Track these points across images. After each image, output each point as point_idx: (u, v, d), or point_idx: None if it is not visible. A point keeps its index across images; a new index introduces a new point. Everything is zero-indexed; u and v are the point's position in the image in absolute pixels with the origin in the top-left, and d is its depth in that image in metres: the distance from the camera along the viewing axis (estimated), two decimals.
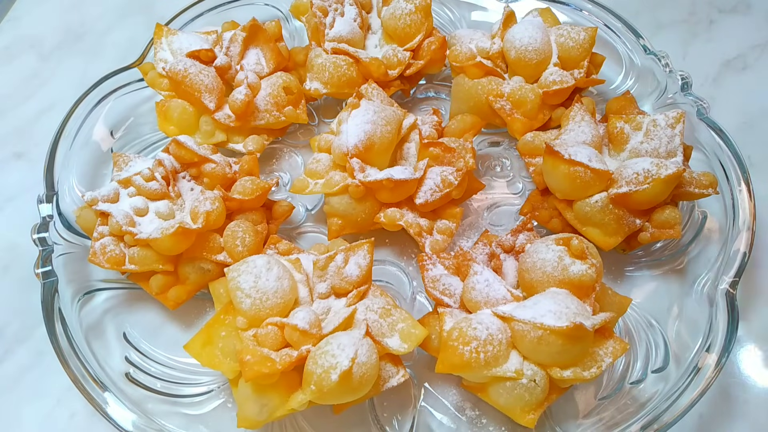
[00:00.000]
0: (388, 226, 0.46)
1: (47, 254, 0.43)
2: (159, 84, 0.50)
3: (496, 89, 0.50)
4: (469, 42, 0.51)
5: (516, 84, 0.50)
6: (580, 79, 0.50)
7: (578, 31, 0.50)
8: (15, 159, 0.54)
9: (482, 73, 0.51)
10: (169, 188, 0.44)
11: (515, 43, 0.49)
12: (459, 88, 0.51)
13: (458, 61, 0.50)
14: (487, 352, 0.37)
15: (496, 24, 0.52)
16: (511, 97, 0.49)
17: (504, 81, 0.50)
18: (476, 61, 0.50)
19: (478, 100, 0.50)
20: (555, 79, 0.49)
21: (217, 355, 0.38)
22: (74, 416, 0.43)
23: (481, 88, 0.50)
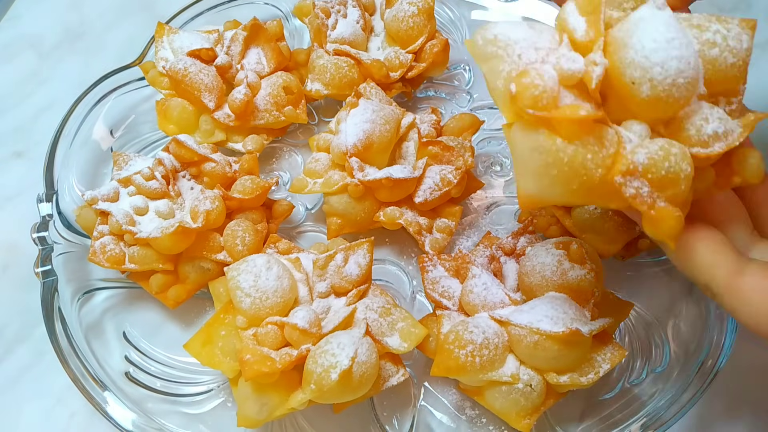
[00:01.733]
0: (388, 225, 0.46)
1: (47, 253, 0.43)
2: (159, 83, 0.50)
3: (621, 159, 0.27)
4: (536, 56, 0.28)
5: (651, 146, 0.27)
6: (747, 123, 0.29)
7: (735, 32, 0.28)
8: (14, 158, 0.54)
9: (586, 131, 0.27)
10: (169, 187, 0.44)
11: (651, 70, 0.26)
12: (540, 157, 0.27)
13: (540, 106, 0.26)
14: (483, 355, 0.37)
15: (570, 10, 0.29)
16: (651, 170, 0.27)
17: (621, 137, 0.28)
18: (580, 115, 0.26)
19: (586, 179, 0.27)
20: (715, 130, 0.28)
21: (217, 354, 0.38)
22: (74, 415, 0.43)
23: (593, 159, 0.27)
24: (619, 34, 0.27)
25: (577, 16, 0.29)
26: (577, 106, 0.27)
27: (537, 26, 0.29)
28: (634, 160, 0.27)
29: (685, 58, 0.26)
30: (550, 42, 0.28)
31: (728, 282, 0.28)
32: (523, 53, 0.28)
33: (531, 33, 0.28)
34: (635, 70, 0.26)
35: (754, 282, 0.27)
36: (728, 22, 0.28)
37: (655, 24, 0.26)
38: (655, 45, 0.26)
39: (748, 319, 0.28)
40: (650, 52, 0.26)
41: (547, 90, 0.26)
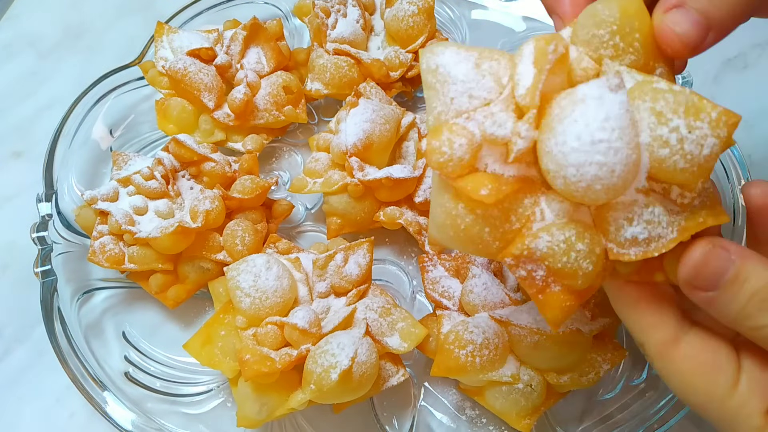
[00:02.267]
0: (388, 225, 0.46)
1: (46, 253, 0.43)
2: (159, 82, 0.50)
3: (519, 240, 0.26)
4: (468, 105, 0.26)
5: (557, 234, 0.25)
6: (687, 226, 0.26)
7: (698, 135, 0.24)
8: (14, 158, 0.54)
9: (491, 204, 0.25)
10: (169, 187, 0.44)
11: (565, 169, 0.24)
12: (442, 213, 0.27)
13: (444, 171, 0.25)
14: (483, 356, 0.37)
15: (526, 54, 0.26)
16: (548, 259, 0.25)
17: (532, 214, 0.26)
18: (480, 195, 0.25)
19: (482, 248, 0.26)
20: (635, 235, 0.25)
21: (217, 354, 0.38)
22: (73, 415, 0.43)
23: (491, 233, 0.26)
24: (555, 110, 0.24)
25: (528, 65, 0.25)
26: (481, 183, 0.25)
27: (485, 65, 0.26)
28: (531, 246, 0.25)
29: (608, 165, 0.23)
30: (489, 91, 0.26)
31: (662, 349, 0.27)
32: (456, 98, 0.26)
33: (472, 75, 0.26)
34: (550, 161, 0.24)
35: (690, 352, 0.27)
36: (699, 117, 0.23)
37: (593, 114, 0.23)
38: (576, 144, 0.23)
39: (675, 387, 0.27)
40: (570, 150, 0.23)
41: (454, 159, 0.25)
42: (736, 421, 0.26)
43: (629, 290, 0.28)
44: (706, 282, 0.25)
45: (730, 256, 0.25)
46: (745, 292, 0.25)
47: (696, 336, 0.27)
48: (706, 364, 0.27)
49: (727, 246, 0.25)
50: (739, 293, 0.25)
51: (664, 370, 0.27)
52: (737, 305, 0.25)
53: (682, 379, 0.27)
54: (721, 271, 0.25)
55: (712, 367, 0.26)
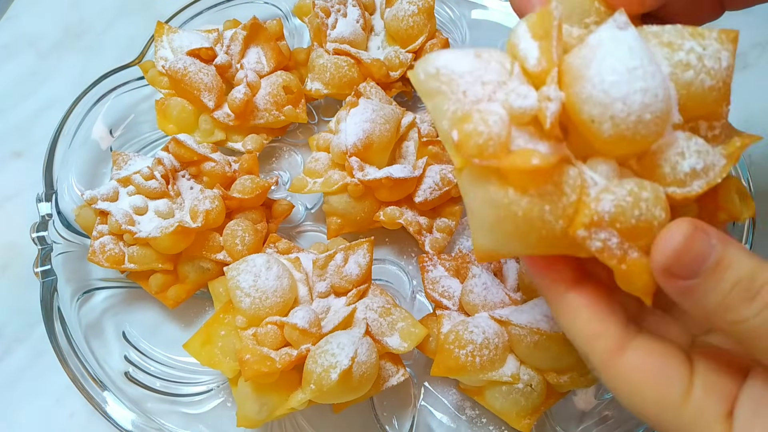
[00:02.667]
0: (388, 225, 0.46)
1: (46, 253, 0.43)
2: (159, 82, 0.50)
3: (584, 208, 0.24)
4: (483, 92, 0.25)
5: (619, 190, 0.24)
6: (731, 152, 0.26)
7: (713, 49, 0.24)
8: (14, 157, 0.54)
9: (542, 178, 0.24)
10: (169, 187, 0.44)
11: (612, 106, 0.23)
12: (492, 211, 0.25)
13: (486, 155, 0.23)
14: (483, 356, 0.36)
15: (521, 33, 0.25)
16: (619, 219, 0.23)
17: (584, 180, 0.24)
18: (533, 164, 0.23)
19: (545, 232, 0.24)
20: (693, 167, 0.25)
21: (217, 354, 0.38)
22: (73, 415, 0.43)
23: (551, 210, 0.24)
24: (576, 61, 0.24)
25: (529, 41, 0.25)
26: (529, 153, 0.23)
27: (485, 54, 0.25)
28: (598, 209, 0.23)
29: (651, 89, 0.23)
30: (499, 73, 0.25)
31: (607, 359, 0.25)
32: (469, 89, 0.24)
33: (477, 64, 0.25)
34: (594, 106, 0.23)
35: (636, 360, 0.25)
36: (705, 37, 0.24)
37: (616, 49, 0.23)
38: (615, 77, 0.22)
39: (624, 400, 0.25)
40: (610, 85, 0.22)
41: (493, 137, 0.23)
42: (694, 429, 0.24)
43: (570, 299, 0.26)
44: (686, 269, 0.23)
45: (711, 240, 0.23)
46: (727, 281, 0.22)
47: (643, 342, 0.25)
48: (655, 372, 0.24)
49: (707, 229, 0.23)
50: (721, 282, 0.23)
51: (611, 381, 0.25)
52: (718, 295, 0.23)
53: (630, 390, 0.25)
54: (703, 256, 0.23)
55: (662, 375, 0.24)
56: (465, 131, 0.23)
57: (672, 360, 0.25)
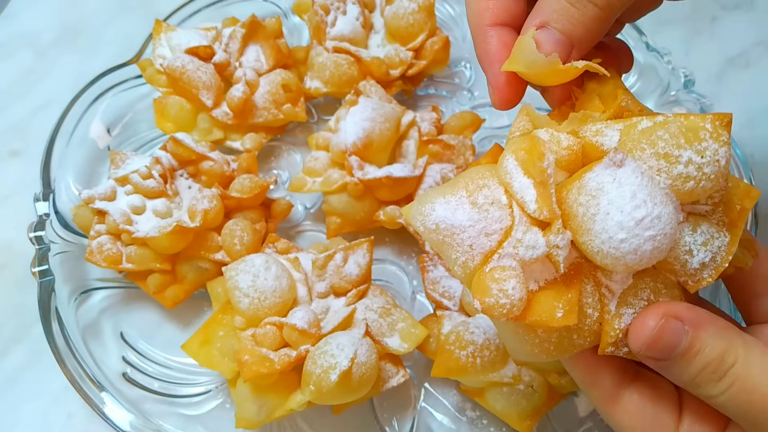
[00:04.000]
0: (388, 225, 0.46)
1: (44, 253, 0.43)
2: (157, 80, 0.50)
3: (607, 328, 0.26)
4: (489, 244, 0.25)
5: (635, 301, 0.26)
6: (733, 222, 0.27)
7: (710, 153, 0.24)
8: (11, 156, 0.54)
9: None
10: (167, 186, 0.44)
11: (624, 258, 0.24)
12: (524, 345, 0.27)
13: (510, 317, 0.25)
14: (484, 356, 0.36)
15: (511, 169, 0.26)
16: None
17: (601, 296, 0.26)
18: (558, 320, 0.24)
19: (575, 350, 0.27)
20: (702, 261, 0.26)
21: (215, 355, 0.38)
22: (71, 416, 0.43)
23: (578, 335, 0.26)
24: (579, 209, 0.24)
25: (522, 179, 0.25)
26: (550, 308, 0.24)
27: (480, 199, 0.25)
28: (621, 326, 0.26)
29: (659, 234, 0.23)
30: (500, 221, 0.25)
31: (603, 404, 0.28)
32: (474, 243, 0.25)
33: (476, 215, 0.25)
34: (605, 258, 0.24)
35: (628, 407, 0.28)
36: (700, 139, 0.24)
37: (619, 198, 0.23)
38: (624, 234, 0.23)
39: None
40: (620, 242, 0.23)
41: (516, 303, 0.24)
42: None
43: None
44: (658, 354, 0.25)
45: (683, 327, 0.25)
46: (696, 364, 0.25)
47: (635, 391, 0.28)
48: (645, 419, 0.27)
49: (681, 314, 0.25)
50: (691, 365, 0.25)
51: (609, 422, 0.29)
52: (689, 376, 0.25)
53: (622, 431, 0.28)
54: (673, 344, 0.25)
55: (651, 421, 0.27)
56: (488, 305, 0.24)
57: (661, 409, 0.28)
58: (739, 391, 0.24)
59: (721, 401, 0.25)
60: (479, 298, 0.24)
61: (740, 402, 0.24)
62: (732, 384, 0.24)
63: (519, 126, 0.29)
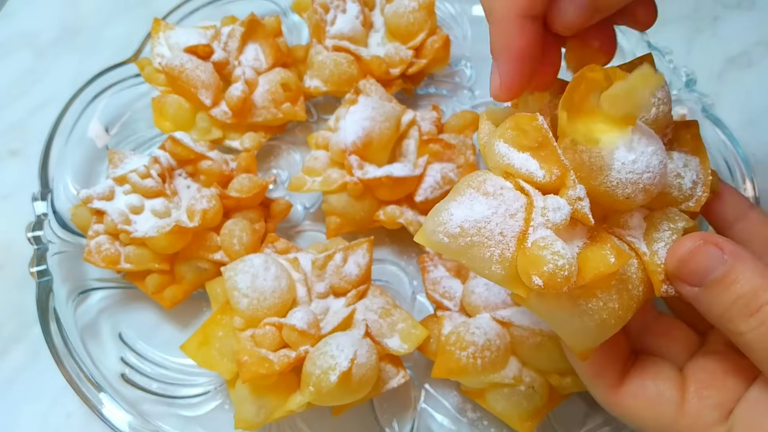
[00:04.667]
0: (388, 224, 0.46)
1: (42, 253, 0.43)
2: (156, 79, 0.50)
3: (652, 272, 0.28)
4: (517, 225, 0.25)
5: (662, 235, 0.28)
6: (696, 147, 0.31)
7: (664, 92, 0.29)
8: (9, 156, 0.54)
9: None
10: (165, 186, 0.44)
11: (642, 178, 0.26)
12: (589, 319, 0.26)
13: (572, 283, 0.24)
14: (485, 357, 0.36)
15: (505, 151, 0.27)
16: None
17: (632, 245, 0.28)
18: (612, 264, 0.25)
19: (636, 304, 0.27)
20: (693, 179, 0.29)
21: (214, 356, 0.38)
22: (70, 417, 0.42)
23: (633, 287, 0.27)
24: (583, 156, 0.25)
25: (519, 155, 0.26)
26: (602, 258, 0.25)
27: (489, 188, 0.26)
28: (661, 261, 0.27)
29: (657, 146, 0.26)
30: (517, 199, 0.26)
31: (608, 394, 0.29)
32: (504, 228, 0.25)
33: (493, 201, 0.26)
34: (626, 187, 0.25)
35: (632, 389, 0.28)
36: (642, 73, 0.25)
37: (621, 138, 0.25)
38: (633, 155, 0.25)
39: (629, 423, 0.29)
40: (632, 164, 0.25)
41: (572, 262, 0.24)
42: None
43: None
44: (691, 277, 0.26)
45: (723, 255, 0.25)
46: (730, 295, 0.25)
47: (636, 374, 0.29)
48: (648, 396, 0.28)
49: (721, 244, 0.25)
50: (724, 295, 0.25)
51: (615, 412, 0.29)
52: (720, 306, 0.25)
53: (632, 416, 0.28)
54: (709, 268, 0.25)
55: (655, 398, 0.28)
56: (548, 272, 0.24)
57: (662, 377, 0.28)
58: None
59: (748, 339, 0.24)
60: (536, 272, 0.24)
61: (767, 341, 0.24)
62: (762, 323, 0.24)
63: (485, 131, 0.29)
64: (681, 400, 0.27)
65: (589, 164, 0.25)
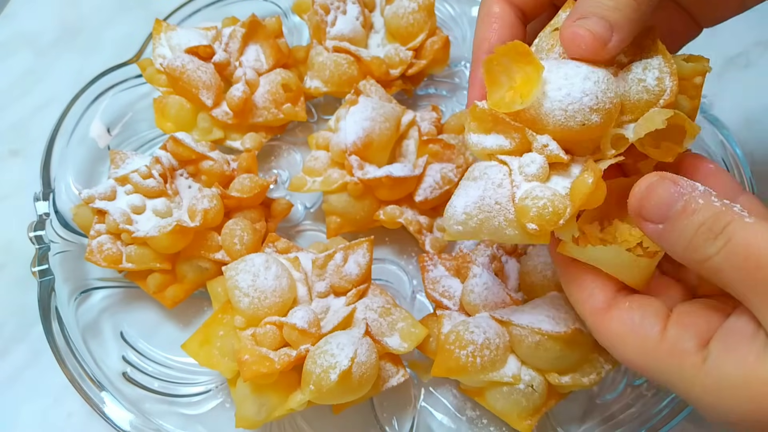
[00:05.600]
0: (388, 224, 0.46)
1: (44, 252, 0.43)
2: (157, 80, 0.50)
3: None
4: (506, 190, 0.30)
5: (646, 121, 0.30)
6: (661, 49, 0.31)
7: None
8: (11, 156, 0.54)
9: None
10: (167, 186, 0.44)
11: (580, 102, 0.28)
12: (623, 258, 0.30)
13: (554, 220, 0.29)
14: (484, 356, 0.36)
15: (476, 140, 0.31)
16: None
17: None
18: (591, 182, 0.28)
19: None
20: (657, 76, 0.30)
21: (215, 355, 0.38)
22: (71, 416, 0.43)
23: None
24: (534, 113, 0.29)
25: (487, 137, 0.31)
26: (582, 179, 0.28)
27: (475, 173, 0.31)
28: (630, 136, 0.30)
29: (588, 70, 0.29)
30: (500, 171, 0.30)
31: (596, 315, 0.30)
32: (498, 198, 0.30)
33: (481, 182, 0.30)
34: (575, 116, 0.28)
35: (620, 315, 0.29)
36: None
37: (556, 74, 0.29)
38: (565, 89, 0.28)
39: (612, 350, 0.29)
40: (567, 96, 0.28)
41: (556, 201, 0.28)
42: (671, 363, 0.27)
43: (573, 268, 0.31)
44: (653, 213, 0.26)
45: (680, 189, 0.26)
46: (692, 224, 0.25)
47: (626, 302, 0.29)
48: (634, 321, 0.28)
49: (677, 180, 0.26)
50: (687, 224, 0.25)
51: (600, 336, 0.30)
52: (685, 239, 0.26)
53: (616, 341, 0.29)
54: (669, 203, 0.26)
55: (640, 323, 0.28)
56: (535, 216, 0.28)
57: (649, 309, 0.29)
58: (735, 247, 0.24)
59: (717, 261, 0.25)
60: (526, 219, 0.28)
61: (736, 260, 0.24)
62: (728, 241, 0.25)
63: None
64: (663, 328, 0.28)
65: (537, 116, 0.29)
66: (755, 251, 0.24)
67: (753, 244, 0.24)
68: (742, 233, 0.24)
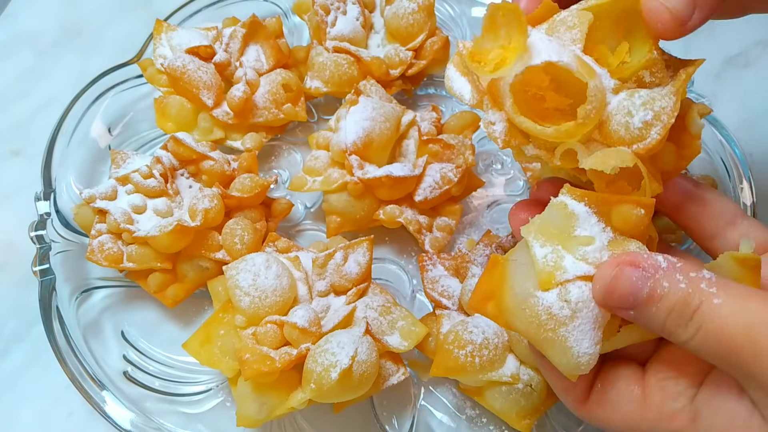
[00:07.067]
0: (388, 224, 0.46)
1: (45, 252, 0.43)
2: (158, 80, 0.50)
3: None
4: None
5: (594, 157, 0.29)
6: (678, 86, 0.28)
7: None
8: (12, 156, 0.54)
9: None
10: (168, 185, 0.44)
11: None
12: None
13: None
14: (483, 356, 0.36)
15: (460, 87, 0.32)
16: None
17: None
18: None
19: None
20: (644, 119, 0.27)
21: (216, 354, 0.38)
22: (72, 415, 0.43)
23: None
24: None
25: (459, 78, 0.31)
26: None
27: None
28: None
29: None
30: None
31: (577, 406, 0.30)
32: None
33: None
34: None
35: (598, 398, 0.29)
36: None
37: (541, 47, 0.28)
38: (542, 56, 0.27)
39: (600, 427, 0.30)
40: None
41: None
42: (664, 427, 0.27)
43: (544, 361, 0.30)
44: (620, 304, 0.25)
45: (643, 273, 0.25)
46: (662, 310, 0.25)
47: (599, 381, 0.29)
48: (611, 401, 0.29)
49: (638, 262, 0.25)
50: (656, 312, 0.25)
51: (591, 423, 0.30)
52: (658, 323, 0.25)
53: (603, 423, 0.29)
54: (634, 291, 0.25)
55: (617, 401, 0.28)
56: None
57: (624, 384, 0.29)
58: (708, 334, 0.24)
59: (693, 346, 0.25)
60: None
61: (711, 345, 0.24)
62: (699, 327, 0.24)
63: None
64: (643, 396, 0.28)
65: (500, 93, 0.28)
66: (727, 339, 0.23)
67: (725, 332, 0.24)
68: (711, 321, 0.24)
